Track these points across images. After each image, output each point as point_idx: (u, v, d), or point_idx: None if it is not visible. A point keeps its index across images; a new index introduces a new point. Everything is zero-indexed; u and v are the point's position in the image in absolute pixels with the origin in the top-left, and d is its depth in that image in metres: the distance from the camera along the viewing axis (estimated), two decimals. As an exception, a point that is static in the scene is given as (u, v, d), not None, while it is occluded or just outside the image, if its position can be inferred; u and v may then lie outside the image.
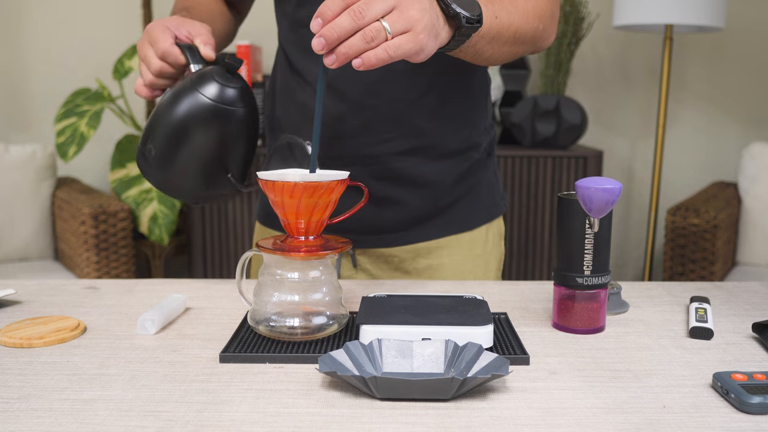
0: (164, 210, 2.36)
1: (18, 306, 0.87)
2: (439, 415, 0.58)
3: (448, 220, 1.04)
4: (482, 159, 1.07)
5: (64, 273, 2.35)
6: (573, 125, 2.42)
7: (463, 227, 1.05)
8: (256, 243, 0.76)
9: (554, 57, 2.54)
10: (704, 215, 2.24)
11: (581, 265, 0.77)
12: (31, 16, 2.73)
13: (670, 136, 2.86)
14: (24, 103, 2.78)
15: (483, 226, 1.07)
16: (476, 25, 0.76)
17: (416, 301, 0.78)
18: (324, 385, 0.64)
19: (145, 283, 0.97)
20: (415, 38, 0.70)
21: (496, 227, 1.10)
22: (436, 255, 1.04)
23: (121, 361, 0.70)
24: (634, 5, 2.26)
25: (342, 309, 0.76)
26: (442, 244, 1.04)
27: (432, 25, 0.71)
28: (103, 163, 2.81)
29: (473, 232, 1.06)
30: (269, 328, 0.72)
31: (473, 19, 0.75)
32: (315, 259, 0.72)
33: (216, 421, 0.57)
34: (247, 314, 0.76)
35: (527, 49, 0.93)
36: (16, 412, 0.59)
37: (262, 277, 0.74)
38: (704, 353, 0.72)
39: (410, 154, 0.98)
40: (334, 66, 0.69)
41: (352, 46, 0.68)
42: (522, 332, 0.78)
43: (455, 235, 1.05)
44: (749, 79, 2.82)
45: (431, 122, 0.98)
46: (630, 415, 0.58)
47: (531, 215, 2.43)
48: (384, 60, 0.69)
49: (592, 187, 0.72)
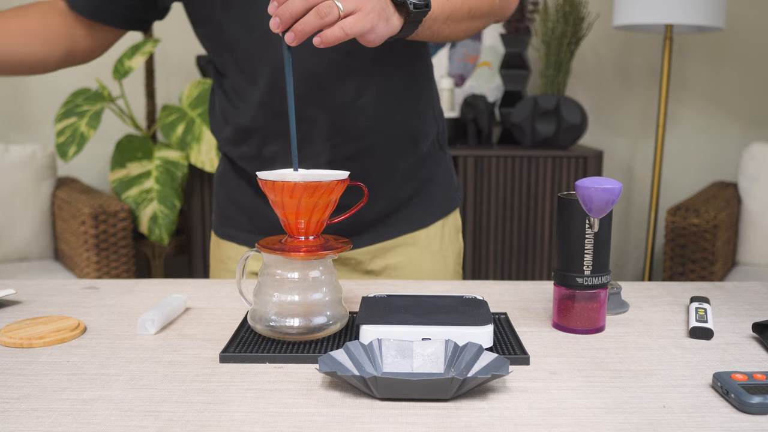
0: (164, 210, 2.36)
1: (18, 306, 0.87)
2: (439, 415, 0.58)
3: (403, 219, 1.04)
4: (433, 152, 1.06)
5: (64, 273, 2.35)
6: (573, 125, 2.42)
7: (418, 225, 1.05)
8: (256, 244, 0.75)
9: (554, 57, 2.54)
10: (704, 215, 2.24)
11: (581, 265, 0.77)
12: (31, 16, 2.73)
13: (670, 136, 2.86)
14: (24, 103, 2.78)
15: (438, 221, 1.07)
16: (424, 9, 0.79)
17: (416, 301, 0.78)
18: (324, 385, 0.64)
19: (145, 283, 0.97)
20: (366, 17, 0.73)
21: (452, 222, 1.09)
22: (392, 254, 1.04)
23: (121, 361, 0.70)
24: (634, 5, 2.26)
25: (342, 309, 0.76)
26: (398, 243, 1.04)
27: (381, 8, 0.75)
28: (103, 163, 2.81)
29: (428, 229, 1.05)
30: (269, 328, 0.72)
31: (421, 5, 0.79)
32: (315, 259, 0.72)
33: (216, 421, 0.57)
34: (248, 314, 0.76)
35: (488, 21, 0.95)
36: (16, 412, 0.59)
37: (262, 277, 0.74)
38: (704, 353, 0.72)
39: (358, 156, 0.97)
40: (294, 43, 0.72)
41: (308, 23, 0.72)
42: (522, 332, 0.78)
43: (410, 234, 1.04)
44: (749, 79, 2.82)
45: (374, 121, 0.97)
46: (630, 415, 0.58)
47: (531, 215, 2.43)
48: (340, 38, 0.72)
49: (592, 187, 0.72)
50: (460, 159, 2.39)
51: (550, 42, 2.55)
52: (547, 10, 2.59)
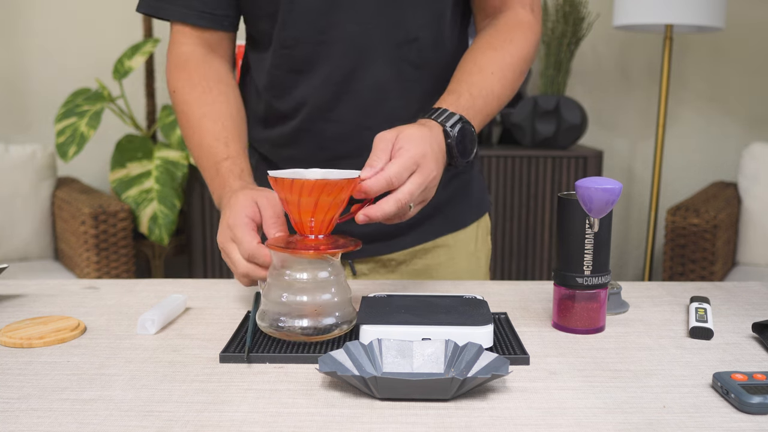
0: (164, 210, 2.36)
1: (18, 306, 0.87)
2: (439, 415, 0.58)
3: (443, 220, 1.04)
4: None
5: (64, 273, 2.35)
6: (573, 125, 2.42)
7: (457, 225, 1.06)
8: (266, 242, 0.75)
9: (554, 57, 2.54)
10: (704, 215, 2.24)
11: (581, 265, 0.77)
12: (31, 16, 2.73)
13: (670, 136, 2.86)
14: (24, 103, 2.78)
15: (474, 223, 1.08)
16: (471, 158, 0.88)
17: (416, 301, 0.78)
18: (324, 385, 0.64)
19: (145, 283, 0.97)
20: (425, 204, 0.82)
21: (485, 224, 1.11)
22: (432, 255, 1.04)
23: (121, 361, 0.70)
24: (634, 5, 2.26)
25: (351, 309, 0.75)
26: (438, 244, 1.05)
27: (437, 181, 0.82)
28: (103, 163, 2.81)
29: (466, 230, 1.07)
30: (278, 328, 0.72)
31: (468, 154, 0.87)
32: (325, 257, 0.72)
33: (216, 421, 0.57)
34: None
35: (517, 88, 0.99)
36: (16, 412, 0.59)
37: (271, 278, 0.74)
38: (704, 353, 0.72)
39: None
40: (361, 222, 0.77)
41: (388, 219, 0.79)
42: (522, 332, 0.78)
43: (450, 234, 1.05)
44: (749, 79, 2.82)
45: None
46: (630, 415, 0.58)
47: (531, 215, 2.43)
48: None
49: (592, 187, 0.72)
50: (460, 159, 2.38)
51: (550, 42, 2.55)
52: (547, 10, 2.59)
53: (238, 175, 0.90)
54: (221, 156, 0.92)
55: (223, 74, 0.99)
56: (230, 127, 0.95)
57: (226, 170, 0.91)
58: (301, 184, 0.70)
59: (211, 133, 0.94)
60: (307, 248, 0.71)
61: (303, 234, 0.74)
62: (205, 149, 0.93)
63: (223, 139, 0.93)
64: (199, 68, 0.97)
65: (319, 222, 0.73)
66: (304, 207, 0.72)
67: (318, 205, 0.71)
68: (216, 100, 0.96)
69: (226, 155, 0.92)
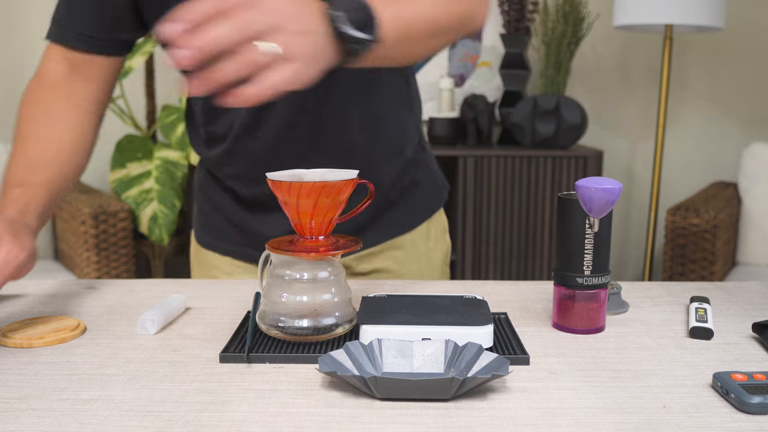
0: (164, 210, 2.36)
1: (18, 306, 0.87)
2: (439, 415, 0.58)
3: (388, 224, 1.04)
4: (416, 157, 1.06)
5: (64, 273, 2.35)
6: (573, 125, 2.42)
7: (403, 229, 1.05)
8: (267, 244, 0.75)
9: (554, 57, 2.54)
10: (704, 215, 2.24)
11: (581, 265, 0.77)
12: (30, 16, 2.73)
13: (670, 136, 2.86)
14: (24, 103, 2.78)
15: (423, 223, 1.07)
16: (368, 43, 0.66)
17: (416, 301, 0.78)
18: (324, 385, 0.64)
19: (145, 283, 0.97)
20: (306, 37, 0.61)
21: (438, 222, 1.09)
22: (379, 258, 1.04)
23: (121, 361, 0.70)
24: (634, 5, 2.26)
25: (351, 309, 0.75)
26: (384, 248, 1.04)
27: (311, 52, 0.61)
28: (103, 163, 2.81)
29: (414, 232, 1.06)
30: (278, 329, 0.72)
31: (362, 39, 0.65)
32: (325, 259, 0.73)
33: (216, 421, 0.57)
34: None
35: (453, 36, 0.81)
36: (16, 412, 0.59)
37: (271, 278, 0.74)
38: (704, 353, 0.72)
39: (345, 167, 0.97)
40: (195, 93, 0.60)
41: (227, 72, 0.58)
42: (522, 332, 0.78)
43: (397, 238, 1.05)
44: (749, 79, 2.82)
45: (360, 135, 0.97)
46: (630, 415, 0.58)
47: (531, 215, 2.43)
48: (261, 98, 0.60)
49: (592, 187, 0.72)
50: (460, 159, 2.39)
51: (550, 42, 2.55)
52: (547, 10, 2.59)
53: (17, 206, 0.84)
54: (17, 180, 0.88)
55: (77, 97, 0.94)
56: (51, 152, 0.90)
57: (10, 196, 0.86)
58: (299, 186, 0.70)
59: (25, 154, 0.90)
60: (307, 250, 0.71)
61: (303, 235, 0.74)
62: (12, 165, 0.90)
63: (34, 163, 0.89)
64: (52, 87, 0.94)
65: (319, 223, 0.73)
66: (303, 209, 0.72)
67: (317, 207, 0.71)
68: (49, 123, 0.92)
69: (22, 181, 0.88)
